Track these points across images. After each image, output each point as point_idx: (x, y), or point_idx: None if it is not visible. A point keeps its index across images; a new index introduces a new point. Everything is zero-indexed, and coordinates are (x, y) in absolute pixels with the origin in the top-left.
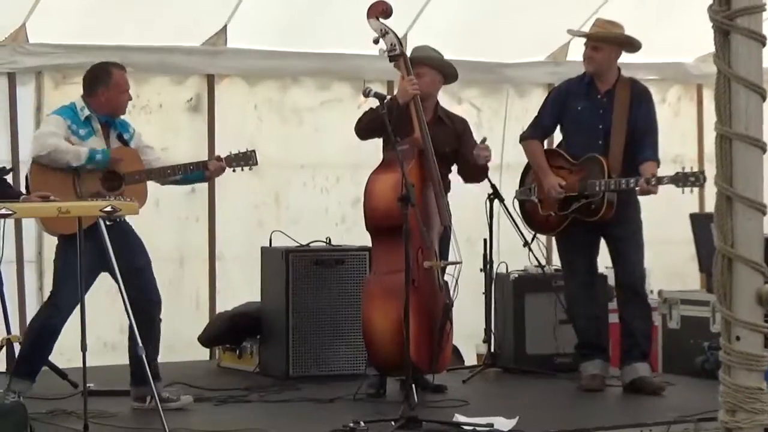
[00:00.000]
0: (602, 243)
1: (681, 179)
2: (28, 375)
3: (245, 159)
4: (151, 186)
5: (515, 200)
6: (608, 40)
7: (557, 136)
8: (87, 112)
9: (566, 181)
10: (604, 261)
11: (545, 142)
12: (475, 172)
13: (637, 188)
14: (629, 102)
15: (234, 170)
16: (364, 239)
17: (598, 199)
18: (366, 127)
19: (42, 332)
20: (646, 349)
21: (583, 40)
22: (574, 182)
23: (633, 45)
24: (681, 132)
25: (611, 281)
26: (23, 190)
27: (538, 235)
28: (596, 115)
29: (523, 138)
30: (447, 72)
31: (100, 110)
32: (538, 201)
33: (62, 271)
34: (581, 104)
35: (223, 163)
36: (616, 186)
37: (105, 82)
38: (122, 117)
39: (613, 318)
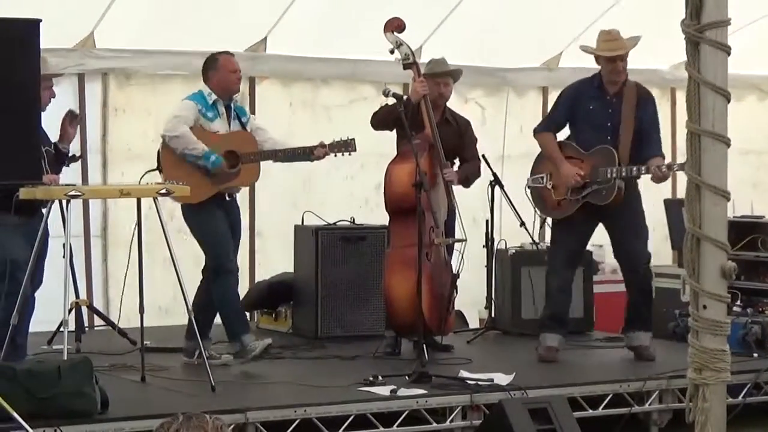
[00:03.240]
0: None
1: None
2: (239, 332)
3: (345, 146)
4: None
5: (527, 187)
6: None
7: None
8: (214, 97)
9: (581, 169)
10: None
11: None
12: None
13: (650, 175)
14: (635, 103)
15: (335, 155)
16: (384, 219)
17: (609, 185)
18: (381, 120)
19: (231, 301)
20: (647, 320)
21: (577, 50)
22: (587, 170)
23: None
24: None
25: (597, 257)
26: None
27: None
28: (606, 114)
29: (537, 131)
30: (458, 79)
31: (217, 93)
32: (551, 188)
33: (209, 236)
34: (592, 104)
35: (326, 149)
36: (627, 173)
37: (214, 67)
38: (239, 103)
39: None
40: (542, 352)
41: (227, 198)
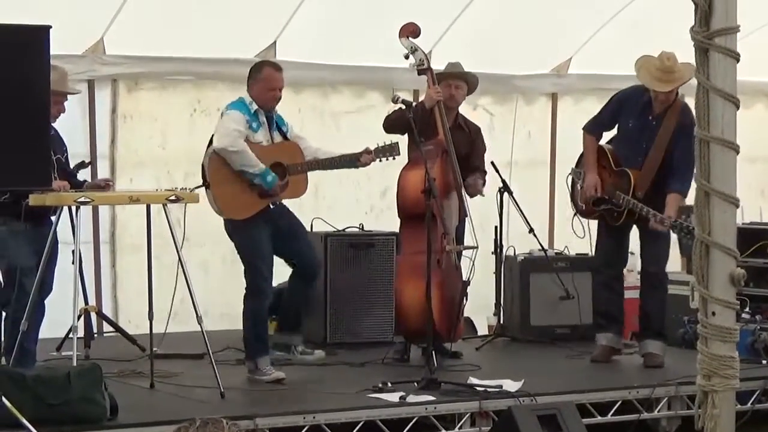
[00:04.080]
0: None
1: (677, 227)
2: (257, 353)
3: (390, 150)
4: None
5: (569, 176)
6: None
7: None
8: (255, 106)
9: (605, 182)
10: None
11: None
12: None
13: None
14: (672, 132)
15: (380, 160)
16: (391, 225)
17: (620, 210)
18: (392, 123)
19: (257, 321)
20: (659, 329)
21: (586, 56)
22: (609, 186)
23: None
24: None
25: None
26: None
27: (543, 225)
28: (642, 135)
29: (584, 129)
30: (473, 86)
31: (256, 103)
32: (581, 187)
33: (251, 255)
34: (633, 121)
35: (372, 155)
36: (633, 207)
37: (255, 78)
38: (278, 112)
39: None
40: (594, 353)
41: (271, 206)
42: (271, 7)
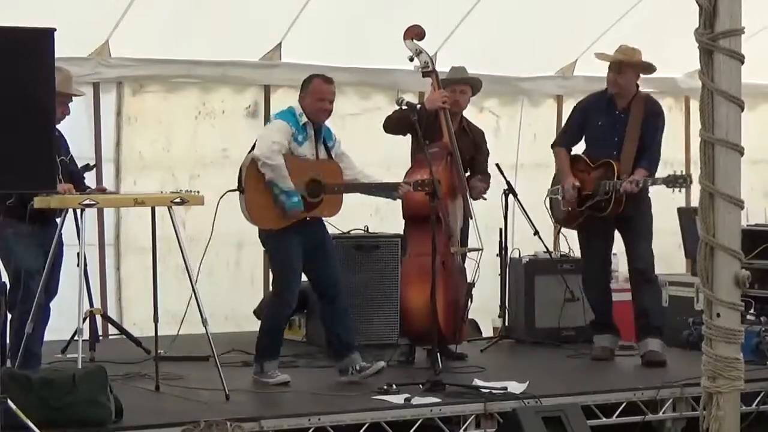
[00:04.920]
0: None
1: (671, 180)
2: (266, 357)
3: (428, 184)
4: (214, 180)
5: (546, 198)
6: (630, 66)
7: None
8: (304, 118)
9: (585, 182)
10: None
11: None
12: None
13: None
14: (641, 120)
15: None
16: (395, 228)
17: (607, 198)
18: (393, 124)
19: (273, 326)
20: (657, 325)
21: (592, 58)
22: (591, 183)
23: (649, 68)
24: (671, 137)
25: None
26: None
27: (548, 227)
28: (613, 130)
29: (553, 145)
30: (477, 89)
31: (306, 115)
32: (561, 198)
33: (281, 266)
34: (601, 119)
35: (409, 187)
36: (619, 186)
37: (305, 89)
38: (327, 125)
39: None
40: (595, 353)
41: (308, 218)
42: (276, 9)
